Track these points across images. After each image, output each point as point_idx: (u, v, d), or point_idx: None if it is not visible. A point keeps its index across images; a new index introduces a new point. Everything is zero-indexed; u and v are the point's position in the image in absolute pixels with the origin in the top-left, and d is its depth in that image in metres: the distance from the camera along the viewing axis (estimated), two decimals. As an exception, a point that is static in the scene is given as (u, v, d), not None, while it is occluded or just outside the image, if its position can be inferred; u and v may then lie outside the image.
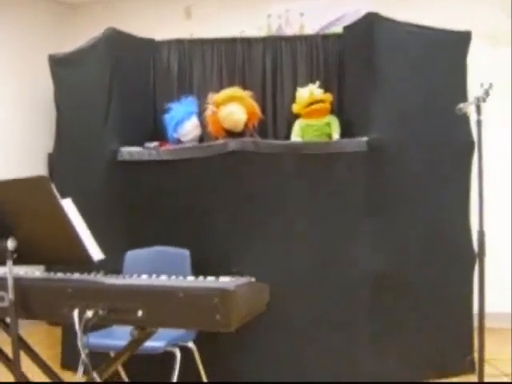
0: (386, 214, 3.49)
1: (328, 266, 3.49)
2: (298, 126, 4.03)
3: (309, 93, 3.94)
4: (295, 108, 4.03)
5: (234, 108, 3.84)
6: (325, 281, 3.49)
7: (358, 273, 3.45)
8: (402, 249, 3.47)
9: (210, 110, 3.92)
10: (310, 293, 3.49)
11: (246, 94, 3.95)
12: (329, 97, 3.98)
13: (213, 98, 3.92)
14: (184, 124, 3.98)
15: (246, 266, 3.25)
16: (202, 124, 4.09)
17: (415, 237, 3.51)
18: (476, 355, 3.06)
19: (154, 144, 3.82)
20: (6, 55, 5.25)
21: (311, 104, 3.92)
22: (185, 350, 3.09)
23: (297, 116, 4.05)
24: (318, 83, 3.99)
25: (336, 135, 3.87)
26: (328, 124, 3.97)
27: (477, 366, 2.94)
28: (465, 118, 3.42)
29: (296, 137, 3.99)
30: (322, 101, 3.93)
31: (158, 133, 4.10)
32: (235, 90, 3.96)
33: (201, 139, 4.12)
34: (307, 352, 3.51)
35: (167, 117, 4.03)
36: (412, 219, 3.53)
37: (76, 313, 2.00)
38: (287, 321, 3.48)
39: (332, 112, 4.02)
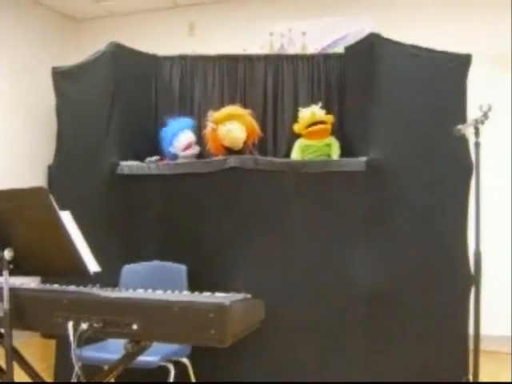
0: (383, 233, 3.49)
1: (325, 283, 3.48)
2: (298, 145, 4.04)
3: (310, 113, 3.95)
4: (296, 128, 4.04)
5: (234, 126, 3.85)
6: (321, 297, 3.48)
7: (354, 291, 3.44)
8: (398, 268, 3.47)
9: (209, 127, 3.94)
10: (305, 309, 3.48)
11: (246, 112, 3.97)
12: (330, 118, 3.99)
13: (212, 115, 3.94)
14: (179, 137, 3.99)
15: (243, 282, 3.25)
16: (202, 141, 4.11)
17: (412, 256, 3.51)
18: (471, 377, 3.04)
19: (155, 158, 3.84)
20: (10, 66, 5.28)
21: (312, 124, 3.94)
22: (179, 366, 3.08)
23: (298, 135, 4.07)
24: (320, 104, 4.02)
25: (335, 157, 3.88)
26: (328, 145, 3.98)
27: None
28: (464, 140, 3.44)
29: (295, 156, 4.00)
30: (323, 122, 3.95)
31: (159, 148, 4.11)
32: (234, 108, 3.98)
33: (200, 156, 4.13)
34: (302, 367, 3.49)
35: (163, 131, 4.05)
36: (409, 239, 3.53)
37: (71, 324, 2.00)
38: (282, 337, 3.46)
39: (333, 131, 4.04)
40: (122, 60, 3.96)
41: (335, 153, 3.94)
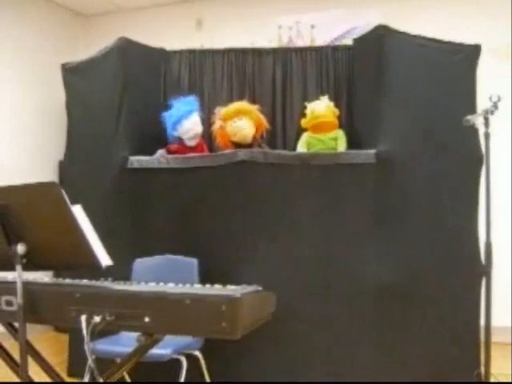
0: (393, 225, 3.49)
1: (335, 276, 3.49)
2: (304, 138, 4.05)
3: (310, 112, 3.98)
4: (303, 122, 4.05)
5: (242, 123, 3.86)
6: (331, 291, 3.49)
7: (364, 283, 3.44)
8: (408, 260, 3.46)
9: (217, 124, 3.94)
10: (315, 302, 3.49)
11: (253, 107, 3.97)
12: (331, 113, 3.98)
13: (220, 112, 3.94)
14: (182, 122, 3.94)
15: (254, 275, 3.26)
16: (210, 136, 4.13)
17: (422, 249, 3.50)
18: (483, 369, 3.04)
19: (160, 151, 3.86)
20: (20, 63, 5.30)
21: (317, 118, 3.94)
22: (191, 358, 3.10)
23: (305, 129, 4.07)
24: (327, 96, 4.01)
25: (342, 150, 3.88)
26: (334, 139, 3.97)
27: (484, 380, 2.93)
28: (474, 131, 3.42)
29: (302, 149, 4.01)
30: (323, 116, 3.94)
31: (168, 141, 4.12)
32: (242, 104, 3.99)
33: (210, 151, 4.13)
34: (312, 361, 3.50)
35: (166, 115, 4.02)
36: (419, 231, 3.52)
37: (83, 318, 2.02)
38: (293, 330, 3.47)
39: (341, 124, 4.04)
40: (130, 55, 3.98)
41: (341, 146, 3.93)
